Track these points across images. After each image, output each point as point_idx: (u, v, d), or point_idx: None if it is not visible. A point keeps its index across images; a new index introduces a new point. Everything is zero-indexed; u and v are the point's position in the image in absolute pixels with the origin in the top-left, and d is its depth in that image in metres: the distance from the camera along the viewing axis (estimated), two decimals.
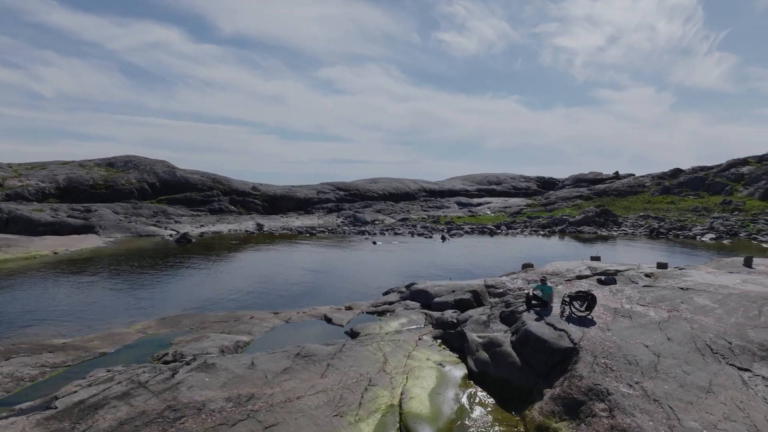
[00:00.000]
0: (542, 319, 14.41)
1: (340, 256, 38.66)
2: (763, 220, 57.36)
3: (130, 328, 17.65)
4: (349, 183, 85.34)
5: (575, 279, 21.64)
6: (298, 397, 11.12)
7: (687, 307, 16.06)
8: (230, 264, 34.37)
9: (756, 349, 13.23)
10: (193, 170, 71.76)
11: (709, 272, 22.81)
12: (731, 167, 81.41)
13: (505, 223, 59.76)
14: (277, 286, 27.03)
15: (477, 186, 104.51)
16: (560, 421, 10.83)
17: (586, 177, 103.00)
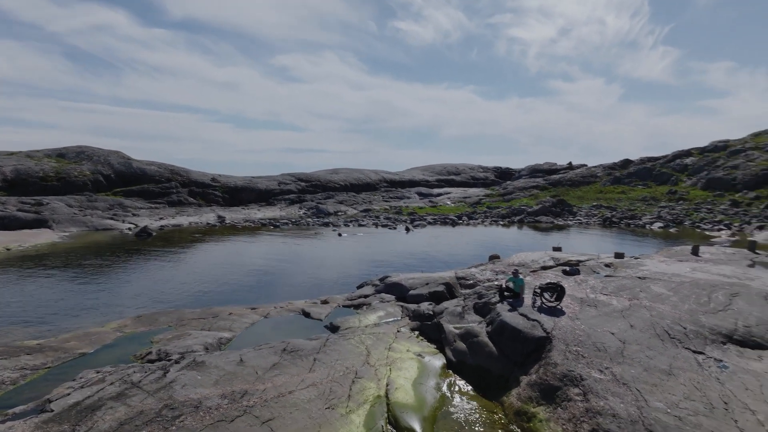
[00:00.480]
0: (516, 310, 15.22)
1: (308, 249, 38.76)
2: (705, 209, 60.92)
3: (106, 327, 17.46)
4: (310, 174, 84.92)
5: (540, 270, 22.71)
6: (290, 391, 11.48)
7: (645, 295, 17.27)
8: (197, 258, 33.97)
9: (707, 333, 14.46)
10: (149, 161, 69.76)
11: (662, 261, 24.36)
12: (676, 158, 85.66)
13: (467, 214, 61.13)
14: (249, 280, 27.05)
15: (437, 176, 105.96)
16: (538, 405, 11.64)
17: (541, 167, 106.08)
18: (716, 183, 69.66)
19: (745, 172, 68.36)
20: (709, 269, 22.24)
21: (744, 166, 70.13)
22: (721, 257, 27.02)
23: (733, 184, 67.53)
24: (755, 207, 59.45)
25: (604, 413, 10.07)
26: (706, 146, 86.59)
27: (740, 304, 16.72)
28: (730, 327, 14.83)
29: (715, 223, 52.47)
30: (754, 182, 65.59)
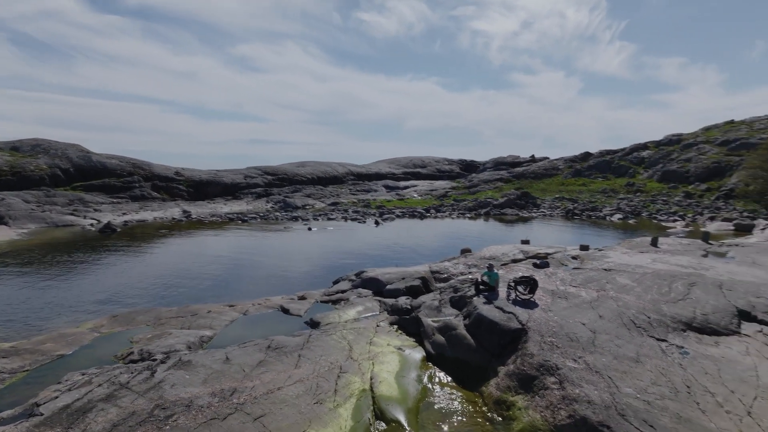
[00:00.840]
0: (491, 303, 15.83)
1: (279, 243, 38.66)
2: (661, 200, 63.55)
3: (81, 328, 17.21)
4: (276, 167, 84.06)
5: (511, 263, 23.49)
6: (278, 388, 11.74)
7: (612, 286, 18.19)
8: (166, 254, 33.45)
9: (669, 322, 15.42)
10: (110, 155, 67.72)
11: (625, 253, 25.54)
12: (633, 151, 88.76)
13: (434, 207, 61.95)
14: (222, 276, 26.93)
15: (403, 169, 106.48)
16: (516, 394, 12.25)
17: (505, 160, 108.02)
18: (671, 175, 72.68)
19: (697, 165, 71.55)
20: (668, 260, 23.48)
21: (696, 159, 73.37)
22: (678, 248, 28.47)
23: (687, 177, 70.62)
24: (706, 198, 62.41)
25: (579, 400, 10.73)
26: (661, 140, 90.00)
27: (697, 293, 17.82)
28: (689, 315, 15.85)
29: (670, 214, 54.86)
30: (706, 175, 68.77)
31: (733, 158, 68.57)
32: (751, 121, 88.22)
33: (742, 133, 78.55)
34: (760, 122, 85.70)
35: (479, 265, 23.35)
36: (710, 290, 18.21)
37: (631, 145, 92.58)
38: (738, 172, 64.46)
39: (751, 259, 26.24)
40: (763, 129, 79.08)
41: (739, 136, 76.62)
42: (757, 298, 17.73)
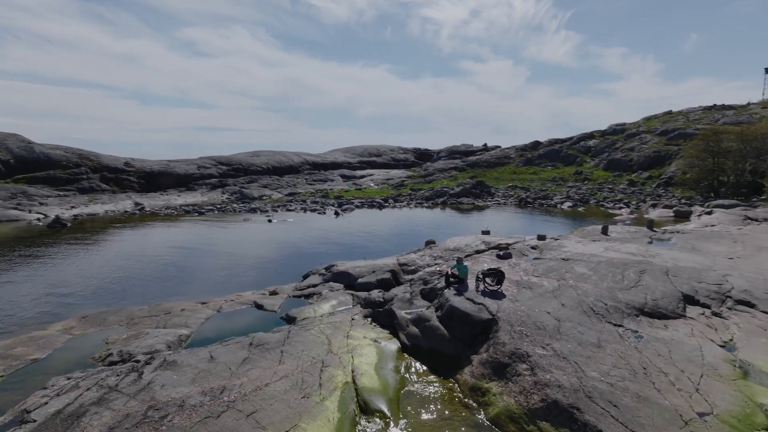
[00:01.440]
0: (462, 295, 16.62)
1: (241, 236, 38.35)
2: (607, 188, 66.77)
3: (50, 330, 16.86)
4: (230, 157, 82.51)
5: (474, 253, 24.47)
6: (265, 384, 12.09)
7: (571, 275, 19.39)
8: (124, 249, 32.61)
9: (624, 308, 16.69)
10: (54, 145, 64.61)
11: (579, 242, 27.03)
12: (580, 141, 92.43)
13: (392, 197, 62.73)
14: (187, 271, 26.66)
15: (358, 158, 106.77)
16: (490, 381, 13.10)
17: (458, 149, 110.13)
18: (616, 164, 76.29)
19: (640, 154, 75.41)
20: (619, 248, 25.07)
21: (639, 149, 77.27)
22: (626, 236, 30.33)
23: (630, 165, 74.35)
24: (648, 186, 66.04)
25: (550, 385, 11.65)
26: (606, 129, 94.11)
27: (648, 280, 19.28)
28: (641, 301, 17.19)
29: (616, 201, 57.77)
30: (648, 163, 72.63)
31: (672, 147, 72.65)
32: (687, 111, 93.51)
33: (680, 124, 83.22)
34: (694, 113, 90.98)
35: (444, 257, 24.21)
36: (658, 277, 19.72)
37: (578, 134, 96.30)
38: (676, 161, 68.48)
39: (691, 245, 28.35)
40: (698, 120, 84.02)
41: (677, 126, 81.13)
42: (698, 283, 19.37)
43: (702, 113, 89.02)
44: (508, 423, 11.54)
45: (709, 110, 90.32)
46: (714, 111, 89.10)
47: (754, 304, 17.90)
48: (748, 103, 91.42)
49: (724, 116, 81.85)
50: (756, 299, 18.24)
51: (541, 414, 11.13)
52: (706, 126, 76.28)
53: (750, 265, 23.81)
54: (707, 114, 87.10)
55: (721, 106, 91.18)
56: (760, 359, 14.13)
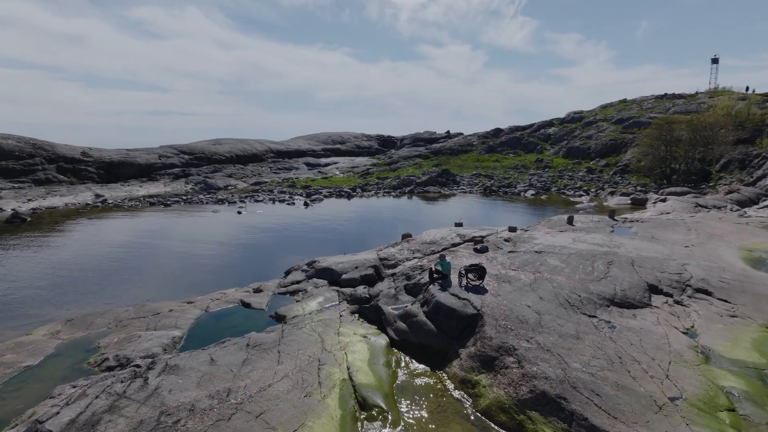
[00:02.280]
0: (447, 291, 17.38)
1: (212, 230, 37.95)
2: (567, 176, 69.10)
3: (34, 334, 16.66)
4: (192, 145, 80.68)
5: (450, 246, 25.33)
6: (268, 385, 12.54)
7: (545, 268, 20.46)
8: (94, 245, 31.81)
9: (596, 299, 17.85)
10: (5, 134, 61.59)
11: (548, 232, 28.27)
12: (540, 128, 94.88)
13: (360, 186, 63.07)
14: (164, 268, 26.44)
15: (322, 145, 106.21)
16: (480, 374, 13.93)
17: (422, 136, 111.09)
18: (575, 152, 78.87)
19: (597, 142, 78.18)
20: (585, 239, 26.41)
21: (596, 137, 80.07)
22: (590, 225, 31.85)
23: (588, 153, 77.03)
24: (606, 173, 68.73)
25: (538, 376, 12.56)
26: (565, 117, 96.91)
27: (615, 271, 20.56)
28: (611, 292, 18.40)
29: (576, 189, 59.97)
30: (605, 151, 75.44)
31: (627, 136, 75.63)
32: (641, 100, 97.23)
33: (634, 112, 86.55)
34: (647, 102, 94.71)
35: (422, 250, 24.95)
36: (625, 268, 21.05)
37: (539, 122, 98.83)
38: (631, 149, 71.43)
39: (650, 234, 30.08)
40: (651, 108, 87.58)
41: (632, 115, 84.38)
42: (661, 273, 20.81)
43: (654, 102, 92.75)
44: (499, 413, 12.40)
45: (661, 99, 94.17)
46: (665, 100, 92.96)
47: (711, 292, 19.44)
48: (696, 92, 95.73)
49: (675, 105, 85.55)
50: (712, 287, 19.80)
51: (531, 404, 12.03)
52: (659, 115, 79.67)
53: (704, 253, 25.59)
54: (659, 103, 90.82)
55: (672, 95, 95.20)
56: (718, 344, 15.51)
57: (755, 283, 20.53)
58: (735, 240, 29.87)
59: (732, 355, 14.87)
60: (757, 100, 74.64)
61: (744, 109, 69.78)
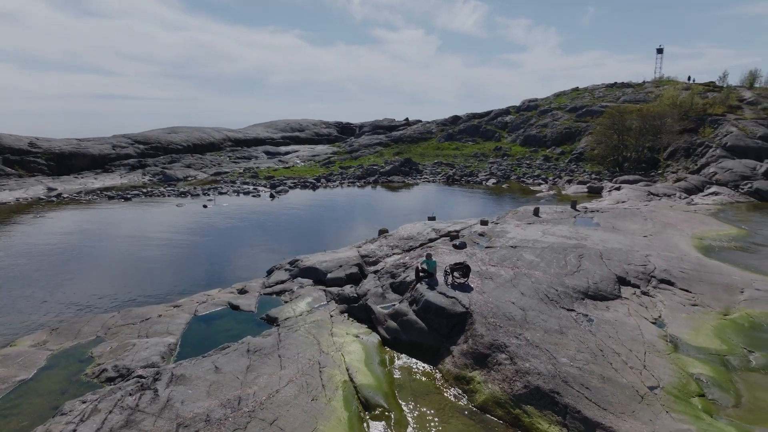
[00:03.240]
0: (434, 290, 18.05)
1: (181, 225, 37.14)
2: (525, 164, 71.20)
3: (19, 345, 16.25)
4: (147, 135, 77.98)
5: (428, 242, 26.05)
6: (276, 390, 12.90)
7: (522, 263, 21.47)
8: (58, 246, 30.55)
9: (572, 293, 18.98)
10: None
11: (518, 225, 29.42)
12: (497, 116, 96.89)
13: (324, 176, 62.88)
14: (139, 268, 25.86)
15: (281, 133, 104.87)
16: (473, 370, 14.73)
17: (381, 124, 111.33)
18: (532, 140, 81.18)
19: (553, 130, 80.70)
20: (554, 231, 27.68)
21: (551, 125, 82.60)
22: (555, 216, 33.28)
23: (544, 141, 79.46)
24: (561, 161, 71.24)
25: (531, 372, 13.45)
26: (521, 105, 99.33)
27: (587, 264, 21.81)
28: (584, 285, 19.59)
29: (534, 177, 61.98)
30: (560, 139, 78.03)
31: (581, 124, 78.42)
32: (593, 89, 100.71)
33: (586, 101, 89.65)
34: (599, 90, 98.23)
35: (401, 246, 25.57)
36: (595, 260, 22.35)
37: (496, 110, 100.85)
38: (585, 137, 74.21)
39: (611, 225, 31.78)
40: (603, 97, 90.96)
41: (584, 103, 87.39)
42: (628, 265, 22.23)
43: (605, 90, 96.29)
44: (495, 408, 13.24)
45: (611, 88, 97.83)
46: (615, 89, 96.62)
47: (674, 283, 20.99)
48: (644, 81, 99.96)
49: (624, 94, 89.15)
50: (674, 278, 21.36)
51: (526, 399, 12.91)
52: (611, 104, 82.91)
53: (661, 243, 27.37)
54: (610, 91, 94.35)
55: (621, 84, 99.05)
56: (684, 333, 16.92)
57: (710, 272, 22.28)
58: (687, 228, 32.02)
59: (697, 343, 16.28)
60: (699, 90, 78.79)
61: (687, 99, 73.57)
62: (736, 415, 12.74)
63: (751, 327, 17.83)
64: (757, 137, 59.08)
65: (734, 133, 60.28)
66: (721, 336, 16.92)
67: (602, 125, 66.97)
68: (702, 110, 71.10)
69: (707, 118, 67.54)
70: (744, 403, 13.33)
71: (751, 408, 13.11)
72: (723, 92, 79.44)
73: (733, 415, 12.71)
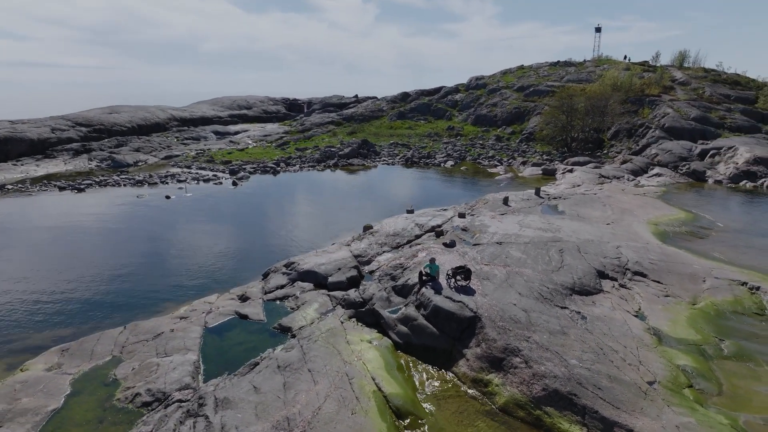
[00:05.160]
0: (440, 294, 19.04)
1: (150, 221, 35.40)
2: (479, 144, 73.21)
3: (32, 369, 15.84)
4: (87, 116, 73.38)
5: (414, 239, 27.01)
6: (318, 408, 13.56)
7: (511, 261, 22.83)
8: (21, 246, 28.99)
9: (561, 289, 20.55)
10: None
11: (493, 217, 30.85)
12: (447, 95, 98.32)
13: (283, 160, 62.08)
14: (121, 272, 25.17)
15: (228, 111, 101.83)
16: (490, 374, 15.93)
17: (331, 101, 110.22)
18: (483, 119, 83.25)
19: (503, 110, 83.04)
20: (528, 223, 29.28)
21: (501, 104, 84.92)
22: (523, 205, 35.04)
23: (495, 121, 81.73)
24: (513, 141, 73.79)
25: (547, 375, 14.79)
26: (469, 83, 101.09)
27: (568, 259, 23.47)
28: (570, 281, 21.21)
29: (489, 158, 64.02)
30: (510, 119, 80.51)
31: (530, 104, 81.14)
32: (537, 67, 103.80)
33: (532, 80, 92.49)
34: (542, 69, 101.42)
35: (389, 243, 26.41)
36: (574, 254, 24.06)
37: (445, 87, 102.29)
38: (534, 117, 76.97)
39: (576, 212, 33.92)
40: (547, 76, 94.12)
41: (531, 82, 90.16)
42: (604, 258, 24.11)
43: (549, 69, 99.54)
44: (516, 409, 14.53)
45: (555, 66, 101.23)
46: (558, 67, 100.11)
47: (646, 274, 23.05)
48: (584, 60, 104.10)
49: (567, 73, 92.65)
50: (645, 269, 23.43)
51: (545, 401, 14.25)
52: (556, 83, 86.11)
53: (624, 231, 29.63)
54: (554, 70, 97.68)
55: (564, 63, 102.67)
56: (664, 325, 18.86)
57: (674, 262, 24.56)
58: (642, 214, 34.66)
59: (676, 335, 18.24)
60: (638, 71, 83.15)
61: (627, 79, 77.60)
62: (721, 403, 14.64)
63: (716, 315, 20.09)
64: (691, 119, 63.51)
65: (671, 114, 64.46)
66: (694, 326, 18.98)
67: (551, 106, 69.75)
68: (640, 90, 75.32)
69: (645, 99, 71.76)
70: (725, 391, 15.30)
71: (732, 395, 15.08)
72: (657, 72, 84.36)
73: (719, 404, 14.60)
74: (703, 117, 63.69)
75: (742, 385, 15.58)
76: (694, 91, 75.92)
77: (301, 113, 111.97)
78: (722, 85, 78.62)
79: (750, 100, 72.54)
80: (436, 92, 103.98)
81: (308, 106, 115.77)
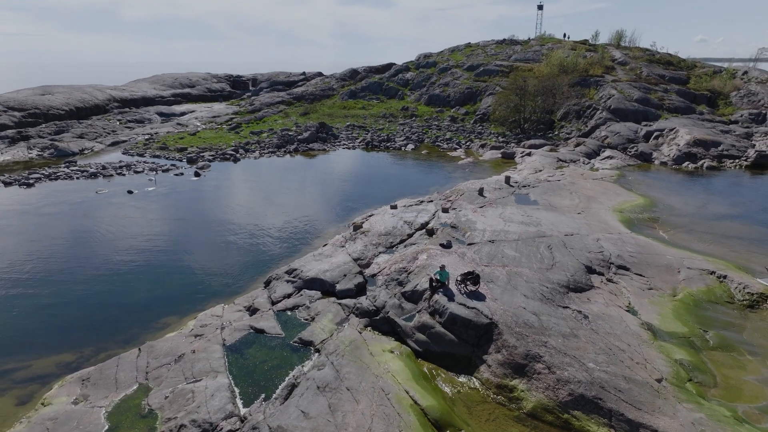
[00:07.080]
0: (454, 301, 19.79)
1: (125, 222, 33.78)
2: (435, 125, 74.11)
3: (57, 404, 15.32)
4: (19, 99, 67.57)
5: (407, 238, 27.58)
6: (368, 428, 14.09)
7: (507, 260, 23.93)
8: None
9: (559, 288, 21.88)
10: None
11: (474, 211, 31.90)
12: (398, 73, 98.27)
13: (241, 146, 60.34)
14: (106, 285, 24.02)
15: (170, 90, 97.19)
16: (513, 379, 16.96)
17: (279, 79, 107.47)
18: (436, 100, 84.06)
19: (455, 90, 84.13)
20: (510, 217, 30.53)
21: (453, 84, 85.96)
22: (498, 195, 36.34)
23: (448, 101, 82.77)
24: (467, 122, 75.22)
25: (572, 381, 15.97)
26: (419, 62, 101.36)
27: (558, 256, 24.85)
28: (565, 279, 22.57)
29: (447, 141, 65.08)
30: (463, 99, 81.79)
31: (481, 84, 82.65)
32: (484, 45, 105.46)
33: (481, 59, 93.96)
34: (490, 47, 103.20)
35: (383, 243, 26.86)
36: (562, 251, 25.48)
37: (395, 66, 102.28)
38: (486, 97, 78.59)
39: (547, 202, 35.57)
40: (495, 55, 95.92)
41: (480, 61, 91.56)
42: (589, 253, 25.68)
43: (496, 47, 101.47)
44: (544, 414, 15.66)
45: (501, 45, 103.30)
46: (505, 45, 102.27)
47: (629, 268, 24.81)
48: (529, 39, 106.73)
49: (514, 52, 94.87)
50: (627, 263, 25.20)
51: (572, 405, 15.45)
52: (504, 62, 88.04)
53: (595, 221, 31.49)
54: (501, 49, 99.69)
55: (510, 41, 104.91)
56: (654, 319, 20.56)
57: (650, 254, 26.51)
58: (606, 201, 36.83)
59: (667, 328, 19.95)
60: (582, 51, 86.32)
61: (572, 60, 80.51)
62: (719, 395, 16.39)
63: (695, 305, 22.09)
64: (634, 100, 67.08)
65: (615, 96, 67.75)
66: (680, 318, 20.83)
67: (504, 88, 71.49)
68: (584, 71, 78.46)
69: (590, 80, 74.90)
70: (719, 382, 17.09)
71: (726, 387, 16.89)
72: (599, 52, 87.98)
73: (717, 396, 16.34)
74: (645, 98, 67.41)
75: (733, 375, 17.44)
76: (633, 71, 79.97)
77: (247, 91, 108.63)
78: (657, 65, 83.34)
79: (683, 80, 77.42)
80: (385, 69, 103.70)
81: (253, 84, 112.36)
